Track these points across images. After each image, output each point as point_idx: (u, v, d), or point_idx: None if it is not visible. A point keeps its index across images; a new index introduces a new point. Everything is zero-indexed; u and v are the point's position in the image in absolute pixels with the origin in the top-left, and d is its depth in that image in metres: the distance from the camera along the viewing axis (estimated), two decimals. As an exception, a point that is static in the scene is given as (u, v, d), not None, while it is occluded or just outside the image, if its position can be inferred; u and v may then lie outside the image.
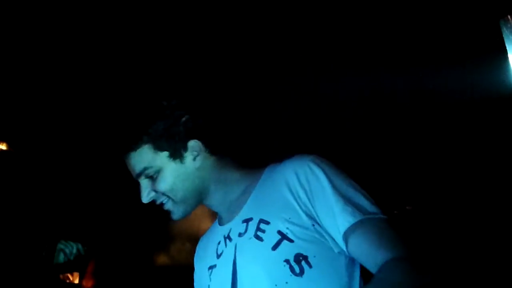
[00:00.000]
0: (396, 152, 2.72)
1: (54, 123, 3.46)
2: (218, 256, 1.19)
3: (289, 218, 1.05)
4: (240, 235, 1.12)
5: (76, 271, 3.78)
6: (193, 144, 1.21)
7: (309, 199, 1.05)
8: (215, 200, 1.26)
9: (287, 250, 1.02)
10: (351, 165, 1.29)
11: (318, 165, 1.07)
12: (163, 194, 1.20)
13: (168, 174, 1.19)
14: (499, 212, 2.66)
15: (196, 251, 1.42)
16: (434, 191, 2.84)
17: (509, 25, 1.77)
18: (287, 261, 1.01)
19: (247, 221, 1.13)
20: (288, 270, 1.01)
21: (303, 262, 1.01)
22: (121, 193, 3.84)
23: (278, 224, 1.05)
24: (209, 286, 1.20)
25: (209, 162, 1.24)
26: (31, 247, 3.63)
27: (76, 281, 3.76)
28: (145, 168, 1.19)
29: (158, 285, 3.87)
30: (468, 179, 2.70)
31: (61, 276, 3.69)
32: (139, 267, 3.92)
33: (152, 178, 1.20)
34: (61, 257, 1.87)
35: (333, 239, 1.03)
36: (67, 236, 3.78)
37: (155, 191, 1.21)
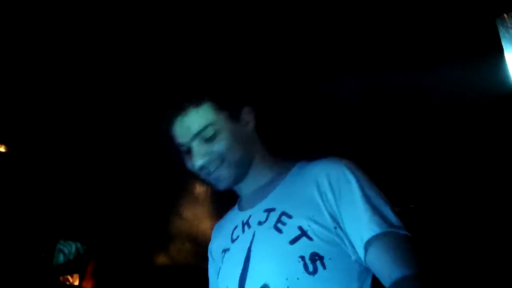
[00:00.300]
0: (396, 150, 2.73)
1: (52, 124, 3.46)
2: (233, 240, 1.18)
3: (312, 216, 1.04)
4: (259, 223, 1.12)
5: (76, 272, 3.78)
6: (248, 109, 1.25)
7: (336, 201, 1.04)
8: (247, 181, 1.24)
9: (305, 247, 1.01)
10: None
11: (352, 171, 1.07)
12: (218, 157, 1.17)
13: (227, 134, 1.17)
14: (501, 211, 2.67)
15: (212, 234, 1.41)
16: (436, 190, 2.85)
17: (505, 24, 1.78)
18: (302, 257, 1.01)
19: (269, 211, 1.12)
20: (302, 267, 1.00)
21: (318, 262, 1.00)
22: (120, 193, 3.84)
23: (300, 220, 1.04)
24: (220, 268, 1.20)
25: (255, 136, 1.26)
26: (30, 249, 3.63)
27: (76, 283, 3.76)
28: (206, 126, 1.15)
29: (158, 285, 3.87)
30: (467, 178, 2.71)
31: (61, 278, 3.69)
32: (139, 268, 3.92)
33: (209, 139, 1.16)
34: (61, 258, 1.85)
35: (353, 246, 1.02)
36: (67, 237, 3.79)
37: (209, 154, 1.17)
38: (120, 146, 3.66)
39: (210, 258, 1.38)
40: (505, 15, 1.79)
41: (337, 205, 1.04)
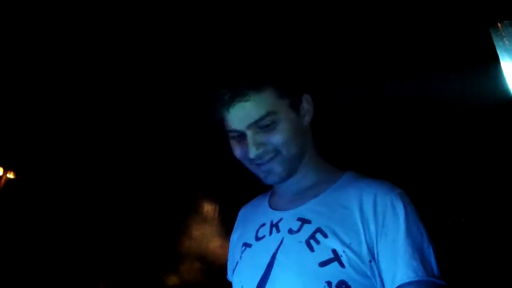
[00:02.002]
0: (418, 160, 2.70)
1: (60, 151, 3.50)
2: (258, 238, 1.10)
3: (350, 243, 0.96)
4: (290, 231, 1.03)
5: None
6: (308, 98, 1.12)
7: (377, 234, 0.96)
8: (291, 179, 1.11)
9: (334, 273, 0.94)
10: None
11: (402, 204, 0.97)
12: (274, 149, 1.05)
13: (287, 125, 1.05)
14: (496, 219, 2.67)
15: (238, 217, 1.29)
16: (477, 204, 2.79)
17: (499, 33, 1.81)
18: (329, 283, 0.94)
19: (303, 221, 1.04)
20: None
21: None
22: (130, 216, 3.86)
23: (335, 243, 0.96)
24: (237, 263, 1.12)
25: (309, 130, 1.14)
26: (41, 273, 3.64)
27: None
28: (267, 114, 1.02)
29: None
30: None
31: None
32: (150, 289, 3.91)
33: (267, 129, 1.04)
34: None
35: (383, 284, 0.95)
36: (77, 260, 3.79)
37: (265, 145, 1.05)
38: (128, 170, 3.69)
39: (232, 238, 1.26)
40: (499, 24, 1.81)
41: (377, 237, 0.96)
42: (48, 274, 3.67)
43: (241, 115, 1.04)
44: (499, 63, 1.68)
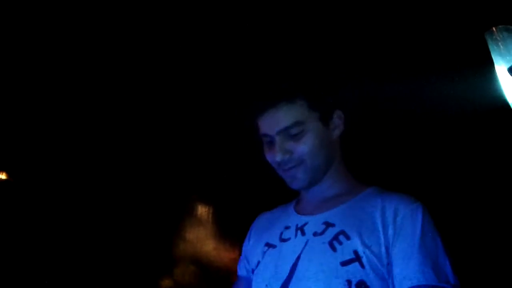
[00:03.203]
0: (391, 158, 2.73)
1: (53, 152, 3.48)
2: (282, 240, 1.15)
3: (370, 245, 1.01)
4: (315, 234, 1.09)
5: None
6: (339, 113, 1.20)
7: (394, 238, 1.01)
8: (316, 186, 1.19)
9: (354, 272, 0.99)
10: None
11: (422, 215, 1.02)
12: (299, 158, 1.14)
13: (313, 136, 1.14)
14: (489, 221, 2.69)
15: (254, 224, 1.35)
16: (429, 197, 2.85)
17: (494, 37, 1.81)
18: (349, 282, 0.98)
19: (328, 225, 1.09)
20: None
21: None
22: (125, 218, 3.84)
23: (357, 244, 1.02)
24: (259, 262, 1.17)
25: (338, 144, 1.22)
26: (33, 276, 3.61)
27: (81, 310, 3.73)
28: (295, 123, 1.12)
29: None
30: (456, 188, 2.72)
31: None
32: (144, 292, 3.89)
33: (294, 137, 1.13)
34: None
35: (393, 286, 0.99)
36: (71, 262, 3.77)
37: (290, 152, 1.14)
38: (123, 173, 3.67)
39: (249, 239, 1.32)
40: (493, 28, 1.82)
41: (393, 241, 1.00)
42: (40, 277, 3.64)
43: (271, 121, 1.14)
44: (493, 67, 1.69)
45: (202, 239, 3.90)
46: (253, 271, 1.21)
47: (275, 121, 1.14)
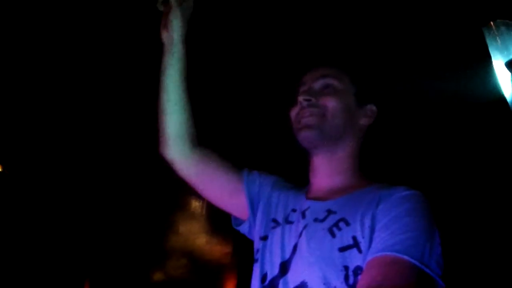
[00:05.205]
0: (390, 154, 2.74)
1: (49, 146, 3.46)
2: (287, 221, 1.17)
3: (368, 228, 1.00)
4: (315, 220, 1.10)
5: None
6: (373, 107, 1.25)
7: (380, 215, 1.00)
8: (325, 169, 1.21)
9: (352, 258, 0.98)
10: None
11: (414, 198, 1.02)
12: (322, 106, 1.18)
13: (342, 99, 1.19)
14: (487, 218, 2.70)
15: (279, 179, 1.36)
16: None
17: (491, 32, 1.81)
18: (346, 267, 0.98)
19: (330, 212, 1.10)
20: (343, 277, 0.98)
21: (359, 277, 0.95)
22: (117, 211, 3.82)
23: (356, 230, 1.01)
24: (266, 236, 1.18)
25: (361, 135, 1.25)
26: (27, 268, 3.59)
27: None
28: (333, 78, 1.21)
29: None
30: (453, 183, 2.73)
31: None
32: (135, 284, 3.88)
33: (325, 91, 1.20)
34: None
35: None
36: (63, 255, 3.75)
37: (317, 97, 1.19)
38: (116, 166, 3.65)
39: (262, 190, 1.31)
40: (491, 23, 1.81)
41: (379, 216, 1.00)
42: (34, 268, 3.62)
43: (316, 73, 1.24)
44: (491, 61, 1.68)
45: (194, 232, 3.88)
46: (251, 209, 1.27)
47: (320, 72, 1.23)
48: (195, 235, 3.85)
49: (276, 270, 1.09)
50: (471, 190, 2.69)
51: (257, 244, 1.21)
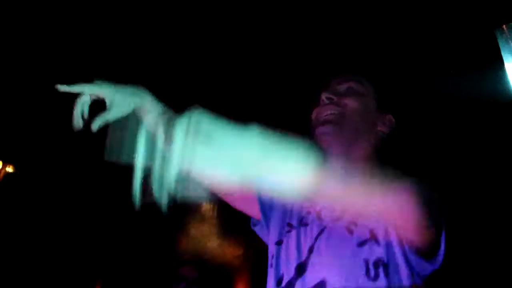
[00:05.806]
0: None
1: (60, 146, 3.49)
2: (302, 224, 1.17)
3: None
4: (332, 220, 1.11)
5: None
6: (392, 118, 1.27)
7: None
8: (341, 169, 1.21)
9: (371, 252, 1.01)
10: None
11: (419, 189, 1.00)
12: (343, 106, 1.20)
13: (363, 103, 1.22)
14: (497, 217, 2.68)
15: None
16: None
17: (504, 35, 1.80)
18: (366, 261, 1.00)
19: (345, 211, 1.11)
20: (364, 271, 0.99)
21: (380, 269, 0.99)
22: (129, 213, 3.85)
23: (372, 223, 1.03)
24: (281, 241, 1.18)
25: (377, 143, 1.25)
26: (41, 268, 3.63)
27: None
28: (356, 82, 1.24)
29: (166, 305, 3.85)
30: (464, 185, 2.71)
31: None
32: (147, 286, 3.90)
33: (347, 93, 1.23)
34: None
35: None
36: (75, 255, 3.79)
37: (338, 97, 1.22)
38: (128, 167, 3.68)
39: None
40: (504, 26, 1.80)
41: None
42: (46, 269, 3.66)
43: (342, 79, 1.26)
44: (503, 64, 1.68)
45: (206, 235, 3.90)
46: (264, 216, 1.27)
47: (345, 76, 1.26)
48: (207, 237, 3.87)
49: (292, 272, 1.10)
50: (486, 190, 2.67)
51: (272, 249, 1.22)
